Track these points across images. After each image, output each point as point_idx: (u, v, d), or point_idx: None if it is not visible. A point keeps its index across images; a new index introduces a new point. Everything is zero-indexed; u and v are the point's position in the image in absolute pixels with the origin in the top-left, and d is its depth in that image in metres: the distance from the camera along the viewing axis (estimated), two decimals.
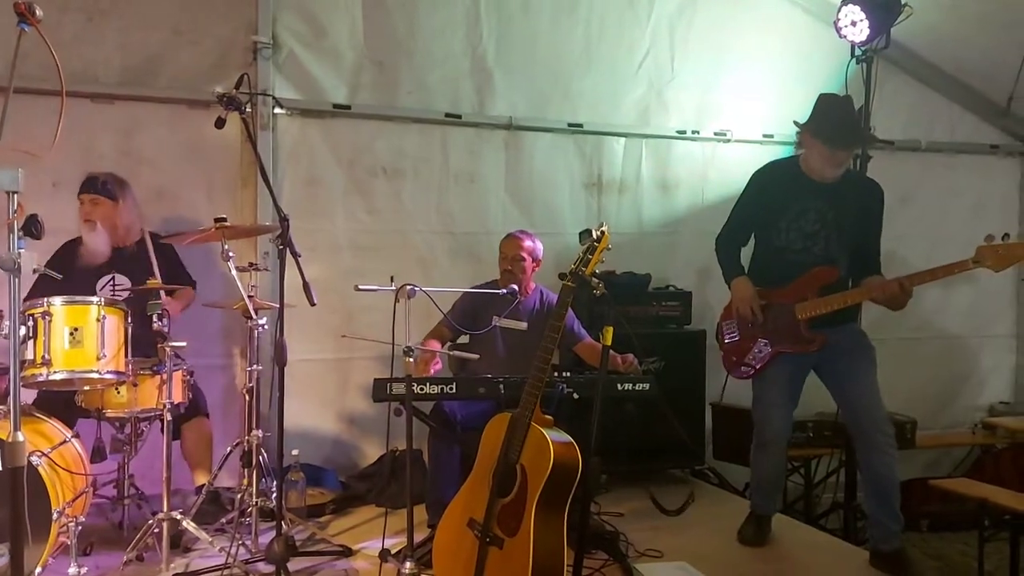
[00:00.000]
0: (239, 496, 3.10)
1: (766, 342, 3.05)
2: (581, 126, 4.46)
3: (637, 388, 3.02)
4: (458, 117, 4.25)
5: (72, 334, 2.67)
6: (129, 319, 2.85)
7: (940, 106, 5.07)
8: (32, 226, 1.86)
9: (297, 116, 4.03)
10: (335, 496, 3.65)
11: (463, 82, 4.29)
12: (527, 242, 3.47)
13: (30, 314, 2.61)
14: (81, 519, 2.63)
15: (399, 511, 2.84)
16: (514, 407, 2.39)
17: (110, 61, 3.75)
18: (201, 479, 3.30)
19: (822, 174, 2.97)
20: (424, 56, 4.20)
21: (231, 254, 2.78)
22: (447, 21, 4.23)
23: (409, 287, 2.64)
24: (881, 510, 2.89)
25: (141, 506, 3.19)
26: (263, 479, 3.09)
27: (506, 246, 3.50)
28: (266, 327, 3.14)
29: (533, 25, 4.37)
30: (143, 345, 2.97)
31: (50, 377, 2.62)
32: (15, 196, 1.82)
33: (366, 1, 4.09)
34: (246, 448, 3.06)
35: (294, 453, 3.43)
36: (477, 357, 3.07)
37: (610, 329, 2.47)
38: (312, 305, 2.65)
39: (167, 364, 2.83)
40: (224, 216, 2.83)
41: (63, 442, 2.79)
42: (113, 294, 3.29)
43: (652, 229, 4.63)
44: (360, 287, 2.72)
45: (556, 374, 2.90)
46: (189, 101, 3.83)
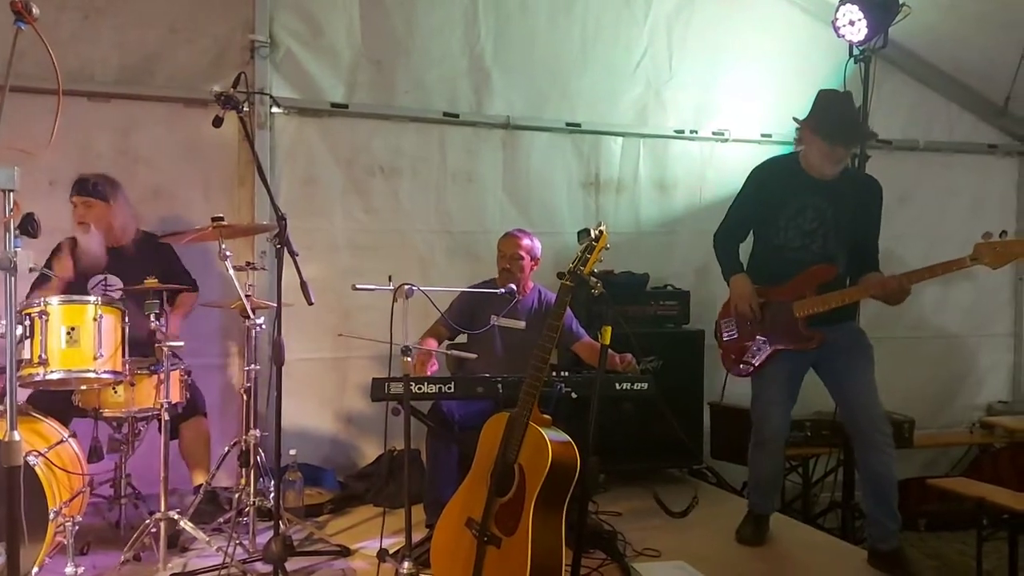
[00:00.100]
0: (237, 496, 3.09)
1: (765, 340, 3.05)
2: (579, 125, 4.46)
3: (635, 388, 3.01)
4: (456, 116, 4.25)
5: (69, 333, 2.66)
6: (126, 319, 2.85)
7: (938, 106, 5.07)
8: (28, 225, 1.86)
9: (294, 115, 4.03)
10: (333, 496, 3.64)
11: (461, 81, 4.28)
12: (525, 241, 3.47)
13: (27, 313, 2.60)
14: (78, 519, 2.62)
15: (397, 511, 2.83)
16: (512, 406, 2.38)
17: (107, 60, 3.74)
18: (199, 479, 3.30)
19: (821, 171, 2.97)
20: (422, 55, 4.20)
21: (228, 253, 2.77)
22: (445, 20, 4.22)
23: (407, 286, 2.64)
24: (879, 509, 2.89)
25: (138, 506, 3.19)
26: (261, 479, 3.09)
27: (504, 245, 3.50)
28: (264, 326, 3.14)
29: (531, 24, 4.37)
30: (141, 345, 2.96)
31: (47, 377, 2.62)
32: (11, 194, 1.81)
33: (364, 0, 4.08)
34: (244, 448, 3.06)
35: (292, 453, 3.42)
36: (475, 356, 3.07)
37: (608, 328, 2.46)
38: (310, 304, 2.64)
39: (164, 364, 2.83)
40: (221, 215, 2.82)
41: (60, 442, 2.78)
42: (105, 293, 3.27)
43: (650, 229, 4.63)
44: (358, 286, 2.72)
45: (554, 373, 2.89)
46: (186, 100, 3.82)
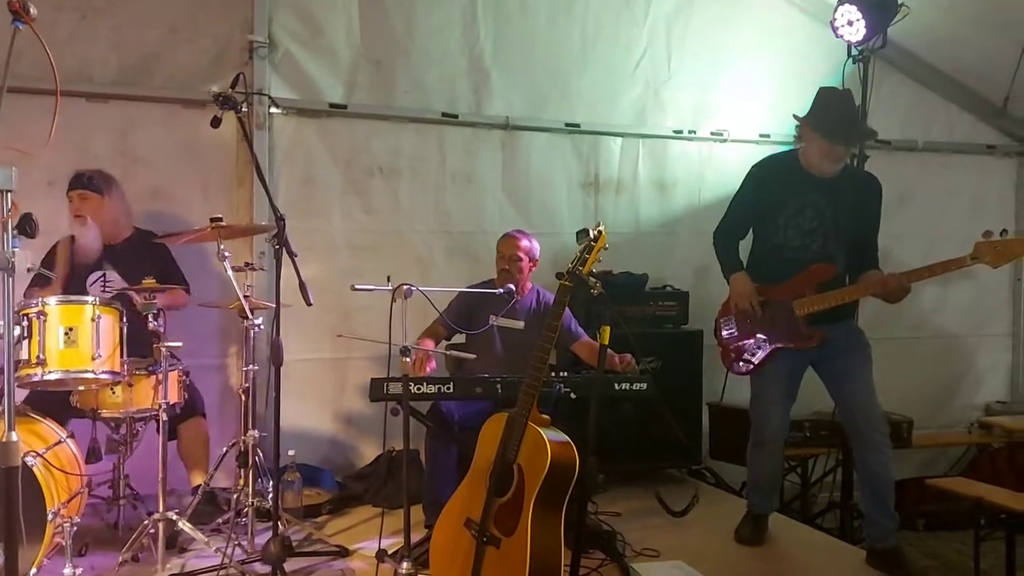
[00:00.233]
0: (235, 496, 3.09)
1: (764, 338, 3.05)
2: (578, 126, 4.45)
3: (634, 388, 3.01)
4: (455, 117, 4.24)
5: (67, 334, 2.65)
6: (124, 319, 2.84)
7: (937, 106, 5.07)
8: (26, 225, 1.85)
9: (293, 115, 4.02)
10: (332, 496, 3.64)
11: (460, 82, 4.28)
12: (524, 242, 3.47)
13: (25, 314, 2.60)
14: (76, 520, 2.62)
15: (396, 511, 2.83)
16: (511, 407, 2.38)
17: (105, 60, 3.74)
18: (197, 479, 3.29)
19: (821, 169, 2.96)
20: (421, 55, 4.19)
21: (227, 254, 2.77)
22: (444, 20, 4.22)
23: (405, 287, 2.64)
24: (877, 508, 2.89)
25: (137, 506, 3.17)
26: (259, 479, 3.08)
27: (503, 246, 3.49)
28: (262, 327, 3.14)
29: (530, 24, 4.37)
30: (139, 345, 2.96)
31: (45, 377, 2.61)
32: (9, 194, 1.81)
33: (363, 0, 4.08)
34: (242, 448, 3.06)
35: (290, 453, 3.41)
36: (474, 357, 3.07)
37: (607, 328, 2.46)
38: (308, 305, 2.64)
39: (163, 364, 2.82)
40: (220, 216, 2.82)
41: (58, 442, 2.78)
42: (104, 290, 3.28)
43: (649, 229, 4.62)
44: (356, 287, 2.72)
45: (553, 373, 2.89)
46: (184, 100, 3.81)
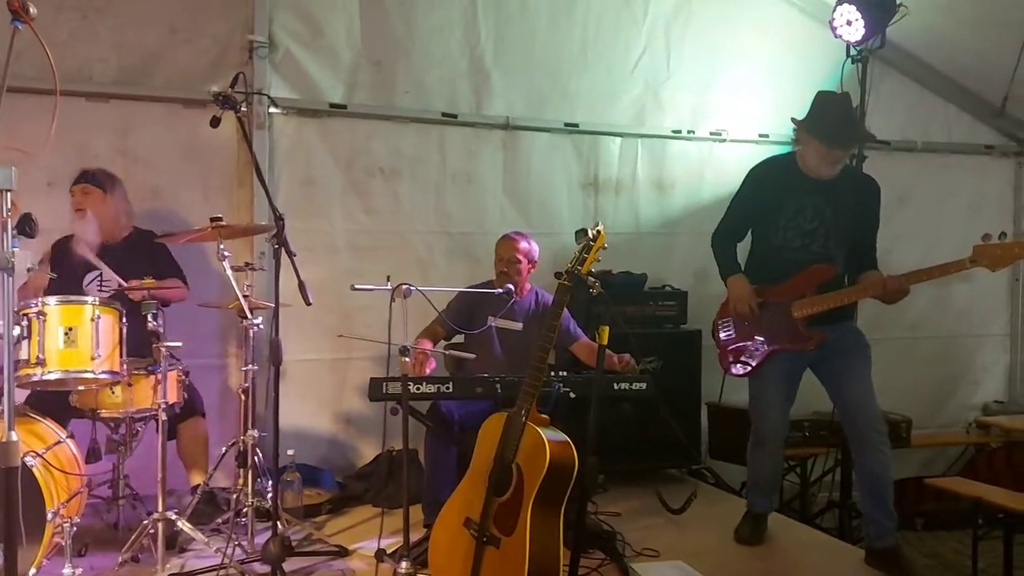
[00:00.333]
0: (235, 496, 3.09)
1: (763, 339, 3.05)
2: (577, 126, 4.46)
3: (634, 388, 3.01)
4: (455, 117, 4.25)
5: (67, 334, 2.65)
6: (124, 319, 2.84)
7: (936, 106, 5.07)
8: (26, 225, 1.85)
9: (293, 116, 4.02)
10: (331, 496, 3.64)
11: (460, 82, 4.28)
12: (523, 243, 3.46)
13: (24, 314, 2.60)
14: (76, 520, 2.62)
15: (395, 511, 2.83)
16: (511, 407, 2.38)
17: (105, 60, 3.73)
18: (197, 479, 3.29)
19: (818, 172, 2.97)
20: (421, 56, 4.19)
21: (227, 254, 2.77)
22: (445, 21, 4.22)
23: (405, 287, 2.64)
24: (876, 508, 2.90)
25: (136, 506, 3.17)
26: (259, 479, 3.08)
27: (502, 247, 3.49)
28: (262, 327, 3.14)
29: (531, 25, 4.37)
30: (139, 345, 2.96)
31: (44, 377, 2.61)
32: (8, 194, 1.81)
33: (363, 0, 4.08)
34: (242, 448, 3.06)
35: (290, 453, 3.41)
36: (474, 357, 3.07)
37: (606, 328, 2.46)
38: (308, 305, 2.64)
39: (162, 364, 2.82)
40: (220, 216, 2.82)
41: (57, 443, 2.78)
42: (100, 289, 3.27)
43: (648, 229, 4.63)
44: (356, 287, 2.72)
45: (552, 373, 2.89)
46: (185, 100, 3.81)
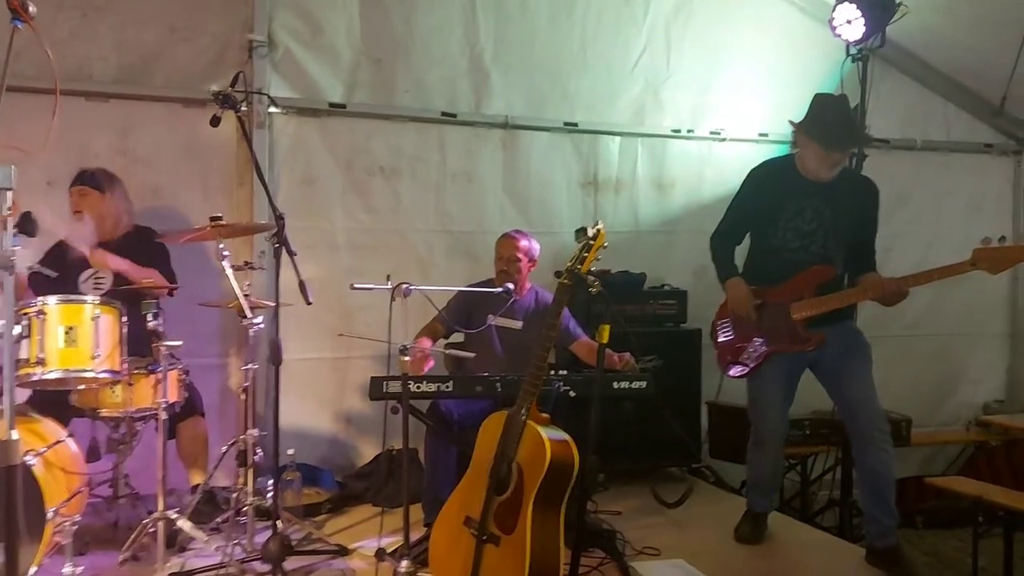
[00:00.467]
0: (235, 495, 3.08)
1: (761, 341, 3.04)
2: (577, 125, 4.46)
3: (634, 387, 3.01)
4: (455, 116, 4.25)
5: (67, 333, 2.66)
6: (124, 318, 2.84)
7: (935, 105, 5.07)
8: (26, 224, 1.85)
9: (293, 115, 4.02)
10: (331, 495, 3.65)
11: (460, 81, 4.28)
12: (523, 242, 3.46)
13: (24, 313, 2.60)
14: (76, 519, 2.61)
15: (395, 510, 2.83)
16: (511, 406, 2.38)
17: (105, 59, 3.73)
18: (197, 478, 3.30)
19: (817, 174, 2.97)
20: (421, 55, 4.19)
21: (227, 253, 2.77)
22: (445, 20, 4.22)
23: (405, 286, 2.64)
24: (877, 507, 2.90)
25: (136, 506, 3.17)
26: (259, 478, 3.08)
27: (502, 246, 3.49)
28: (262, 326, 3.14)
29: (531, 24, 4.37)
30: (139, 344, 2.96)
31: (44, 376, 2.61)
32: (8, 193, 1.81)
33: (363, 0, 4.08)
34: (242, 447, 3.05)
35: (290, 452, 3.41)
36: (474, 356, 3.07)
37: (606, 327, 2.46)
38: (308, 304, 2.64)
39: (162, 363, 2.82)
40: (220, 215, 2.82)
41: (58, 442, 2.77)
42: (96, 287, 3.26)
43: (648, 228, 4.63)
44: (356, 286, 2.73)
45: (552, 372, 2.89)
46: (185, 99, 3.81)
